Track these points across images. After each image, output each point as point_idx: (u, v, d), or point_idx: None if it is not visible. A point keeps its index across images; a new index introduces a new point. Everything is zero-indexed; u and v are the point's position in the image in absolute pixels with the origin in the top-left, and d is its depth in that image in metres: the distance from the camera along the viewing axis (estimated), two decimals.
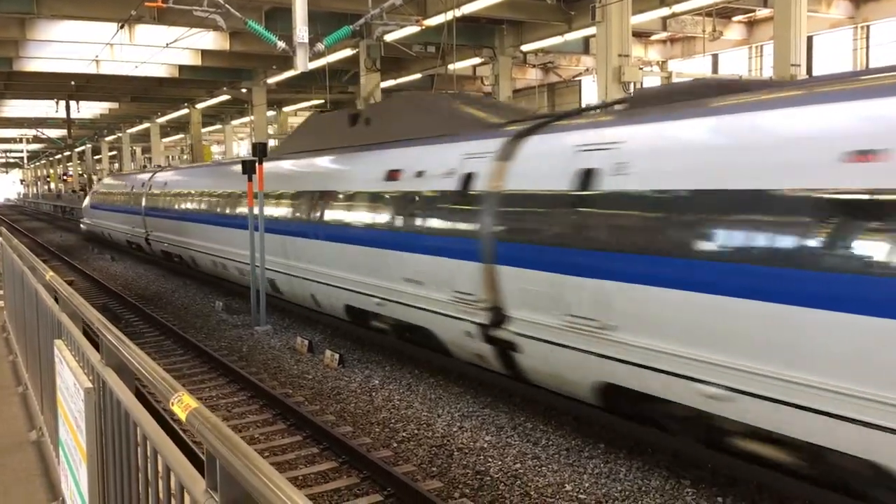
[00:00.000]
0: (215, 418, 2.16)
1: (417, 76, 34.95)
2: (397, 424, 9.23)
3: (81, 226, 36.46)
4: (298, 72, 15.68)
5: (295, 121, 56.17)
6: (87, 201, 36.15)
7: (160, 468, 2.51)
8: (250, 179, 14.68)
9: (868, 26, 26.34)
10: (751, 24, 29.37)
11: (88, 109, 50.44)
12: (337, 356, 12.05)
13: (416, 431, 8.96)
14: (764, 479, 6.85)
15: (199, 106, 45.91)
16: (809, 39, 26.04)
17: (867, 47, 26.48)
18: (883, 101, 5.41)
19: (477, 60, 31.00)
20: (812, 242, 5.40)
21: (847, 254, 5.20)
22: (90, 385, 3.62)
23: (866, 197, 5.14)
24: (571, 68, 35.87)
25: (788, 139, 5.79)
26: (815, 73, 25.78)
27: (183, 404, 2.26)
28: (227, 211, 17.54)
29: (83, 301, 4.56)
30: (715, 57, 31.96)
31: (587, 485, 7.35)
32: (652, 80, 25.80)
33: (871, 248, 5.10)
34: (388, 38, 24.50)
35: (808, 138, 5.66)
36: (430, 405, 9.91)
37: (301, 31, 14.36)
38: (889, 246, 5.00)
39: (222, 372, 11.69)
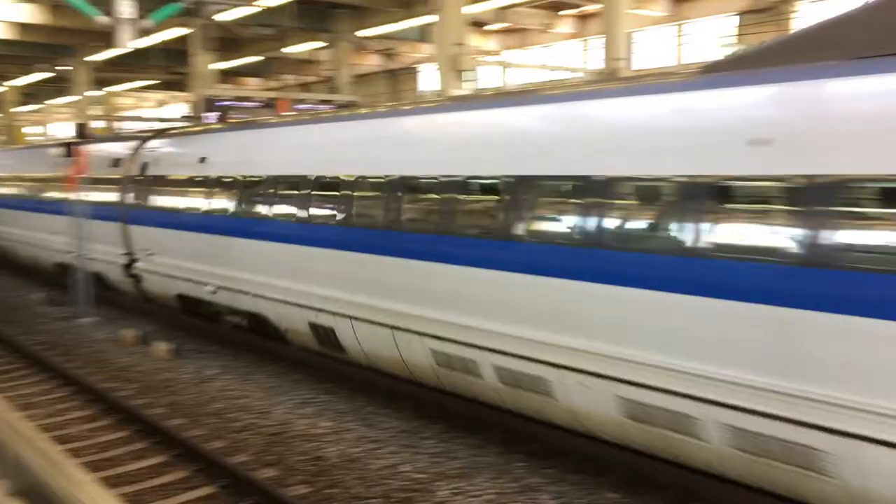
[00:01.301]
0: (2, 407, 2.02)
1: (257, 58, 34.08)
2: (233, 414, 9.01)
3: None
4: (127, 50, 14.87)
5: (124, 102, 53.37)
6: None
7: None
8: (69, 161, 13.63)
9: (685, 24, 28.13)
10: (583, 19, 30.65)
11: None
12: (170, 347, 11.59)
13: (252, 421, 8.79)
14: (586, 450, 7.22)
15: (14, 83, 42.58)
16: (633, 35, 27.48)
17: (686, 44, 28.28)
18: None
19: (317, 44, 30.59)
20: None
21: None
22: None
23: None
24: (412, 55, 36.13)
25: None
26: (636, 67, 27.22)
27: None
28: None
29: None
30: (550, 49, 33.14)
31: (423, 464, 7.48)
32: (489, 70, 26.41)
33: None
34: (223, 17, 23.70)
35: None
36: (267, 393, 9.74)
37: (123, 6, 13.58)
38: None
39: (41, 368, 10.96)
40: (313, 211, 9.16)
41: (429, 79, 36.38)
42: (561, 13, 29.98)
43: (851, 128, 4.90)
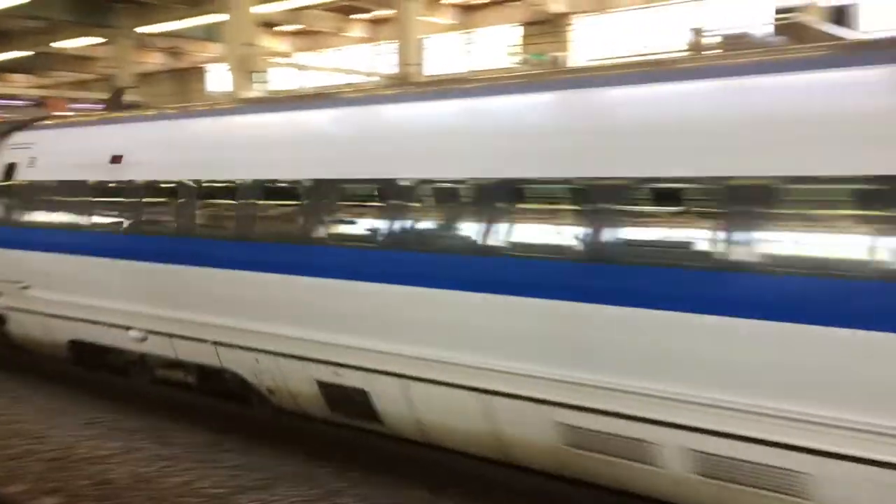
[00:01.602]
0: None
1: (26, 53, 31.50)
2: (5, 441, 8.26)
3: None
4: None
5: None
6: None
7: None
8: None
9: (473, 32, 29.25)
10: (375, 24, 30.97)
11: None
12: None
13: (29, 447, 8.10)
14: (389, 449, 7.33)
15: None
16: (423, 41, 28.20)
17: (473, 52, 29.41)
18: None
19: (94, 40, 28.73)
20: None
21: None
22: None
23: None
24: (199, 54, 34.85)
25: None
26: (428, 73, 27.94)
27: None
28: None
29: None
30: (342, 52, 33.18)
31: (222, 478, 7.24)
32: (281, 72, 26.06)
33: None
34: None
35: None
36: (46, 416, 9.04)
37: None
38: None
39: None
40: (334, 228, 6.66)
41: (218, 79, 35.27)
42: (353, 16, 30.15)
43: None
